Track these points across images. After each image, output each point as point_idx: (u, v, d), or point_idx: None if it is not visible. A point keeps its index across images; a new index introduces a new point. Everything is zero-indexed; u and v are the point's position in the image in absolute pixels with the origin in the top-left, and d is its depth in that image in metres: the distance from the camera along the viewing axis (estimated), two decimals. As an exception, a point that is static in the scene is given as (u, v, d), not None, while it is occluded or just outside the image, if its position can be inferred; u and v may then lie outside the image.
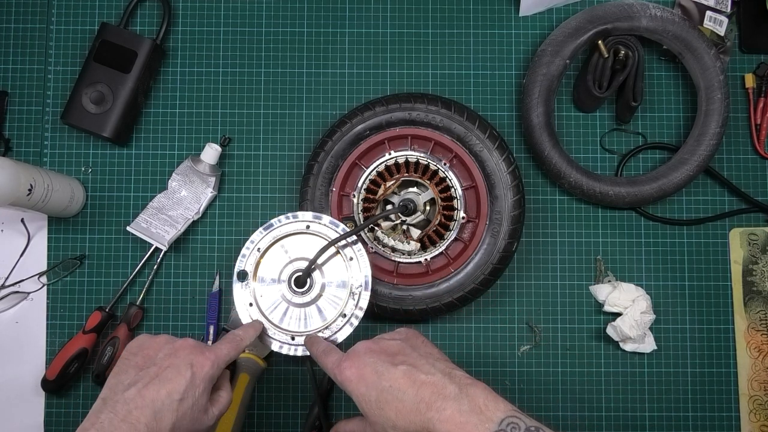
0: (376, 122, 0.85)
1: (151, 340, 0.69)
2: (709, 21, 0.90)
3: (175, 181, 0.88)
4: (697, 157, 0.86)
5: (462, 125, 0.84)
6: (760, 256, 0.90)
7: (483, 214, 0.84)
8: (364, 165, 0.86)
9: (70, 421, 0.87)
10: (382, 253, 0.85)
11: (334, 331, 0.80)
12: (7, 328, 0.88)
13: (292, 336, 0.80)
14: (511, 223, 0.84)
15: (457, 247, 0.85)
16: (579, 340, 0.89)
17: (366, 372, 0.65)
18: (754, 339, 0.89)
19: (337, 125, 0.86)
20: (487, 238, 0.84)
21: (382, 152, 0.86)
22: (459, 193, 0.85)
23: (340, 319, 0.80)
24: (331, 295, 0.81)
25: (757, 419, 0.88)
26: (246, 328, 0.77)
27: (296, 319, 0.81)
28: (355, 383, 0.65)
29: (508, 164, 0.84)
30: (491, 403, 0.60)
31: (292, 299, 0.81)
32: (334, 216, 0.85)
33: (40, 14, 0.92)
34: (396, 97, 0.86)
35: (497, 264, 0.84)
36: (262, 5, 0.93)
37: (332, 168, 0.85)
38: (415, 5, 0.93)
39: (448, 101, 0.85)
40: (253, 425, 0.88)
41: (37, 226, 0.89)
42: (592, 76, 0.87)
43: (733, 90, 0.91)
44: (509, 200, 0.84)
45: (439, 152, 0.86)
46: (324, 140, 0.86)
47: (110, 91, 0.87)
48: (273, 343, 0.80)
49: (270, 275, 0.81)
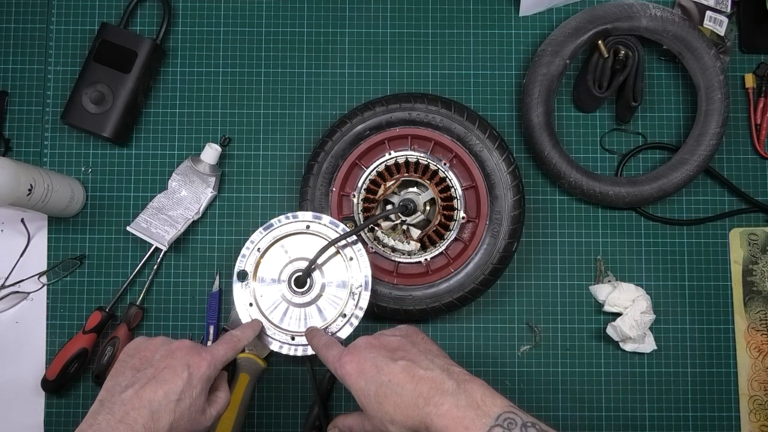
0: (376, 122, 0.85)
1: (148, 342, 0.69)
2: (709, 21, 0.90)
3: (175, 181, 0.88)
4: (697, 157, 0.86)
5: (462, 125, 0.84)
6: (760, 256, 0.90)
7: (483, 214, 0.84)
8: (364, 165, 0.86)
9: (70, 421, 0.87)
10: (382, 253, 0.85)
11: (334, 331, 0.80)
12: (7, 328, 0.88)
13: (292, 336, 0.80)
14: (511, 223, 0.84)
15: (457, 247, 0.85)
16: (579, 340, 0.89)
17: (366, 366, 0.65)
18: (754, 339, 0.89)
19: (337, 125, 0.86)
20: (487, 238, 0.84)
21: (382, 152, 0.86)
22: (459, 193, 0.85)
23: (340, 319, 0.80)
24: (331, 295, 0.81)
25: (757, 419, 0.88)
26: (244, 328, 0.77)
27: (296, 319, 0.81)
28: (355, 377, 0.65)
29: (508, 164, 0.84)
30: (488, 398, 0.60)
31: (292, 299, 0.81)
32: (334, 216, 0.85)
33: (40, 14, 0.92)
34: (396, 97, 0.86)
35: (497, 264, 0.84)
36: (262, 5, 0.93)
37: (332, 168, 0.85)
38: (415, 5, 0.93)
39: (448, 101, 0.85)
40: (253, 425, 0.88)
41: (37, 226, 0.89)
42: (592, 76, 0.87)
43: (733, 90, 0.91)
44: (509, 200, 0.84)
45: (439, 152, 0.86)
46: (324, 140, 0.86)
47: (110, 91, 0.87)
48: (273, 343, 0.80)
49: (270, 275, 0.82)
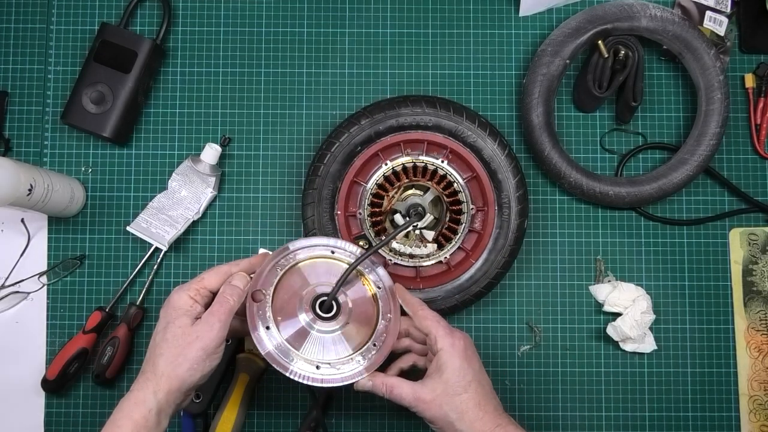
0: (365, 136, 0.84)
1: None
2: (709, 21, 0.90)
3: (175, 181, 0.88)
4: (697, 157, 0.86)
5: (451, 120, 0.84)
6: (760, 256, 0.90)
7: (490, 201, 0.85)
8: (362, 181, 0.85)
9: (70, 421, 0.87)
10: (401, 262, 0.85)
11: (369, 356, 0.74)
12: (7, 328, 0.88)
13: (317, 365, 0.72)
14: (518, 203, 0.85)
15: (471, 238, 0.86)
16: (579, 340, 0.89)
17: (471, 354, 0.73)
18: (754, 339, 0.89)
19: (326, 148, 0.84)
20: (499, 222, 0.85)
21: (378, 164, 0.85)
22: (462, 185, 0.85)
23: (370, 345, 0.75)
24: (359, 318, 0.76)
25: (757, 419, 0.88)
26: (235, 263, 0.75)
27: (319, 345, 0.74)
28: (461, 353, 0.72)
29: (503, 149, 0.85)
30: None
31: (317, 326, 0.74)
32: (345, 237, 0.83)
33: (40, 14, 0.92)
34: (379, 106, 0.84)
35: (513, 245, 0.85)
36: (262, 5, 0.93)
37: (332, 191, 0.84)
38: (415, 5, 0.93)
39: (431, 99, 0.85)
40: (253, 425, 0.88)
41: (37, 226, 0.89)
42: (592, 76, 0.87)
43: (733, 90, 0.91)
44: (512, 182, 0.85)
45: (434, 150, 0.86)
46: (316, 165, 0.84)
47: (110, 91, 0.87)
48: (296, 373, 0.72)
49: (288, 303, 0.75)
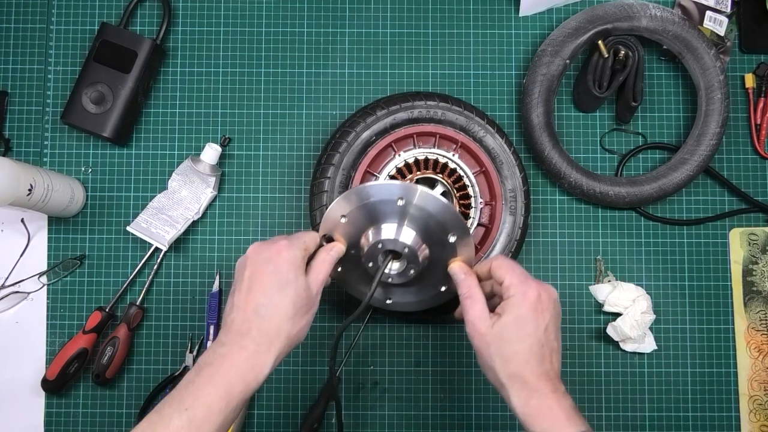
0: (380, 126, 0.85)
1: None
2: (709, 21, 0.90)
3: (175, 181, 0.88)
4: (697, 157, 0.86)
5: (462, 115, 0.85)
6: (760, 256, 0.90)
7: (498, 195, 0.85)
8: (375, 172, 0.86)
9: (70, 420, 0.87)
10: None
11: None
12: (7, 328, 0.88)
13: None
14: (524, 198, 0.86)
15: (479, 233, 0.86)
16: (579, 340, 0.89)
17: (548, 307, 0.68)
18: (754, 339, 0.89)
19: (341, 136, 0.85)
20: (507, 216, 0.85)
21: (390, 155, 0.86)
22: (472, 180, 0.86)
23: None
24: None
25: (757, 419, 0.88)
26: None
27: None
28: (533, 304, 0.67)
29: (509, 145, 0.86)
30: (576, 416, 0.66)
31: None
32: None
33: (40, 14, 0.92)
34: (394, 99, 0.86)
35: (519, 239, 0.85)
36: (262, 5, 0.93)
37: (345, 181, 0.85)
38: (415, 5, 0.93)
39: (444, 95, 0.86)
40: (253, 425, 0.88)
41: (37, 226, 0.89)
42: (592, 76, 0.87)
43: (733, 90, 0.91)
44: (518, 177, 0.85)
45: (445, 144, 0.86)
46: (331, 153, 0.85)
47: (110, 91, 0.87)
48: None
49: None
